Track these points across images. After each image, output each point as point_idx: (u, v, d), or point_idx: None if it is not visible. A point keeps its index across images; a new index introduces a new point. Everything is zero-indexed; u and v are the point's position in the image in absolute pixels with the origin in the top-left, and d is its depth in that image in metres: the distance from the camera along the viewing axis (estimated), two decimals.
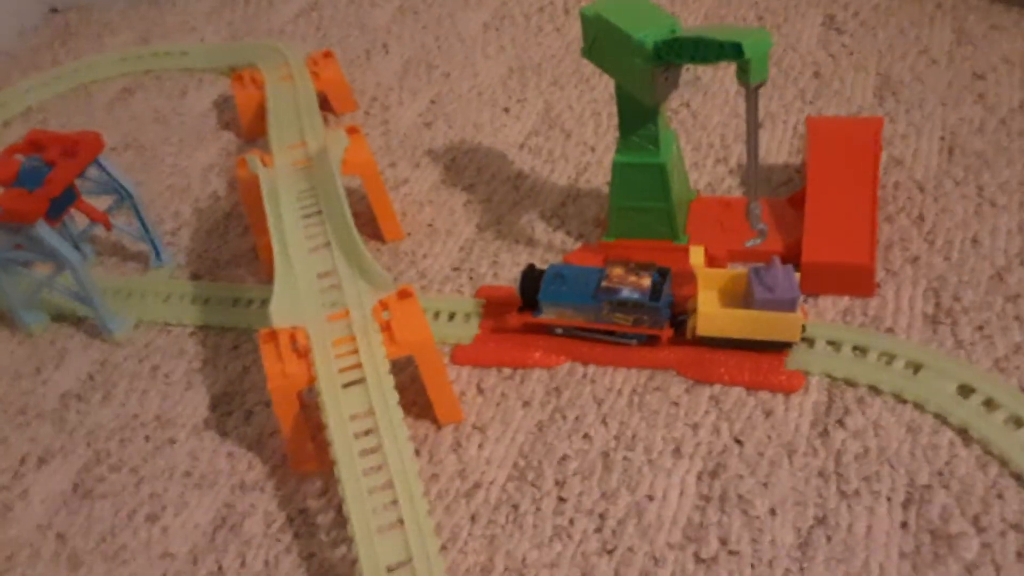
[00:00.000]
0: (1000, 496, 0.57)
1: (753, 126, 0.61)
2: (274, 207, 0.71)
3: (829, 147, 0.76)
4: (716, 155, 0.86)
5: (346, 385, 0.60)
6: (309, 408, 0.64)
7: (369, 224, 0.82)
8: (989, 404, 0.61)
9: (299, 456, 0.63)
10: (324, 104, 0.98)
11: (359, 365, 0.61)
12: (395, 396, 0.59)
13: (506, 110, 0.97)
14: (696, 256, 0.66)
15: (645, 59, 0.64)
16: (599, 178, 0.86)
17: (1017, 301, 0.68)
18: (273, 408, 0.62)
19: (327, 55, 0.99)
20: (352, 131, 0.80)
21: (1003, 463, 0.59)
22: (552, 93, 0.98)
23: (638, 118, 0.71)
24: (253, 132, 0.96)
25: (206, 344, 0.76)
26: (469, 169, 0.90)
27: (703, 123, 0.90)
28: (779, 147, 0.86)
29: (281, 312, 0.64)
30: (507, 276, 0.78)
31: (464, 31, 1.10)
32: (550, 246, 0.80)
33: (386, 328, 0.63)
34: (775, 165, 0.84)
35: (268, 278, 0.79)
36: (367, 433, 0.58)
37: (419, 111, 0.99)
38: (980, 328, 0.66)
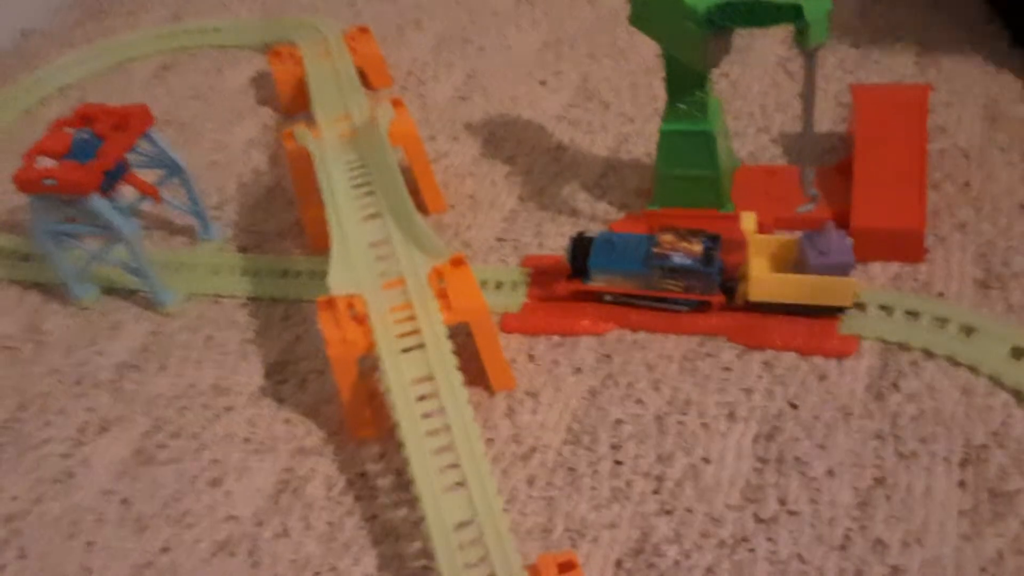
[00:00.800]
0: None
1: (811, 89, 0.61)
2: (326, 178, 0.72)
3: (875, 114, 0.76)
4: (757, 124, 0.86)
5: (405, 350, 0.61)
6: (365, 375, 0.65)
7: (412, 196, 0.83)
8: None
9: (357, 422, 0.64)
10: (361, 79, 0.98)
11: (417, 331, 0.61)
12: (454, 360, 0.60)
13: (542, 83, 0.97)
14: (748, 221, 0.66)
15: (697, 24, 0.64)
16: (639, 148, 0.86)
17: None
18: (333, 374, 0.63)
19: (363, 30, 0.99)
20: (396, 103, 0.81)
21: None
22: (588, 65, 0.98)
23: (686, 85, 0.71)
24: (292, 107, 0.96)
25: (257, 315, 0.77)
26: (508, 141, 0.91)
27: (743, 93, 0.90)
28: (821, 116, 0.85)
29: (338, 280, 0.65)
30: (552, 246, 0.78)
31: (497, 5, 1.10)
32: (594, 216, 0.80)
33: (441, 295, 0.63)
34: (819, 133, 0.84)
35: (315, 251, 0.80)
36: (427, 397, 0.58)
37: (455, 85, 0.99)
38: None
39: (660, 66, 0.71)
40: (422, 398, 0.58)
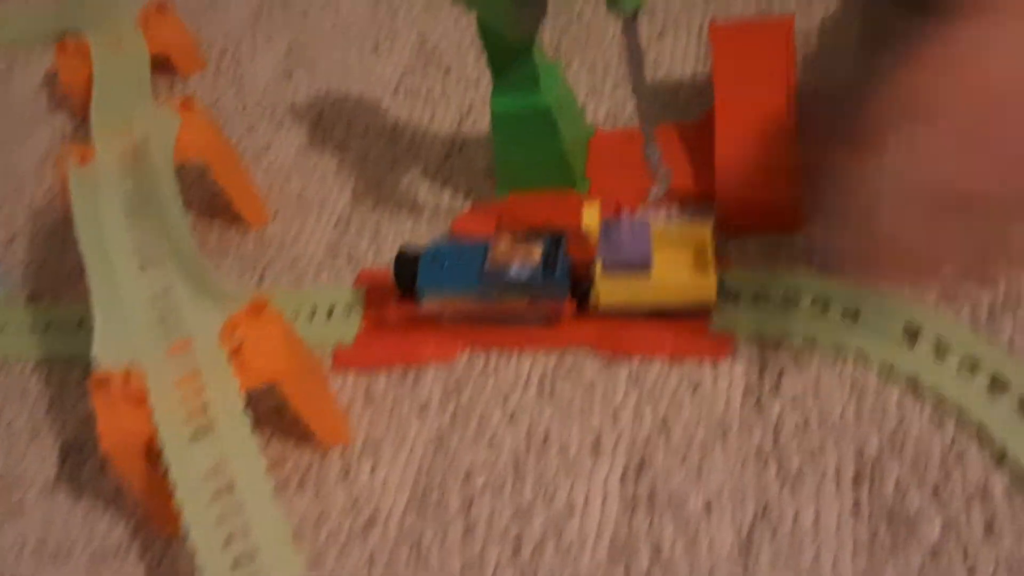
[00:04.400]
0: (960, 458, 0.50)
1: (637, 61, 0.51)
2: (90, 216, 0.60)
3: (736, 59, 0.66)
4: (615, 77, 0.75)
5: (193, 436, 0.50)
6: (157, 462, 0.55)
7: (227, 210, 0.71)
8: (939, 348, 0.53)
9: (160, 518, 0.54)
10: (167, 66, 0.85)
11: (207, 409, 0.51)
12: (253, 444, 0.50)
13: (375, 48, 0.85)
14: (590, 216, 0.56)
15: None
16: (486, 119, 0.74)
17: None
18: (116, 469, 0.53)
19: (160, 9, 0.85)
20: (185, 106, 0.68)
21: (960, 417, 0.51)
22: (425, 22, 0.86)
23: (509, 55, 0.60)
24: (85, 111, 0.83)
25: (51, 380, 0.66)
26: (339, 124, 0.79)
27: (598, 39, 0.79)
28: (684, 56, 0.75)
29: (109, 349, 0.54)
30: (391, 252, 0.67)
31: None
32: (437, 209, 0.70)
33: (236, 355, 0.53)
34: (682, 79, 0.73)
35: None
36: (222, 493, 0.49)
37: (276, 60, 0.86)
38: None
39: None
40: (216, 495, 0.49)
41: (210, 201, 0.73)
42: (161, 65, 0.84)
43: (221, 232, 0.72)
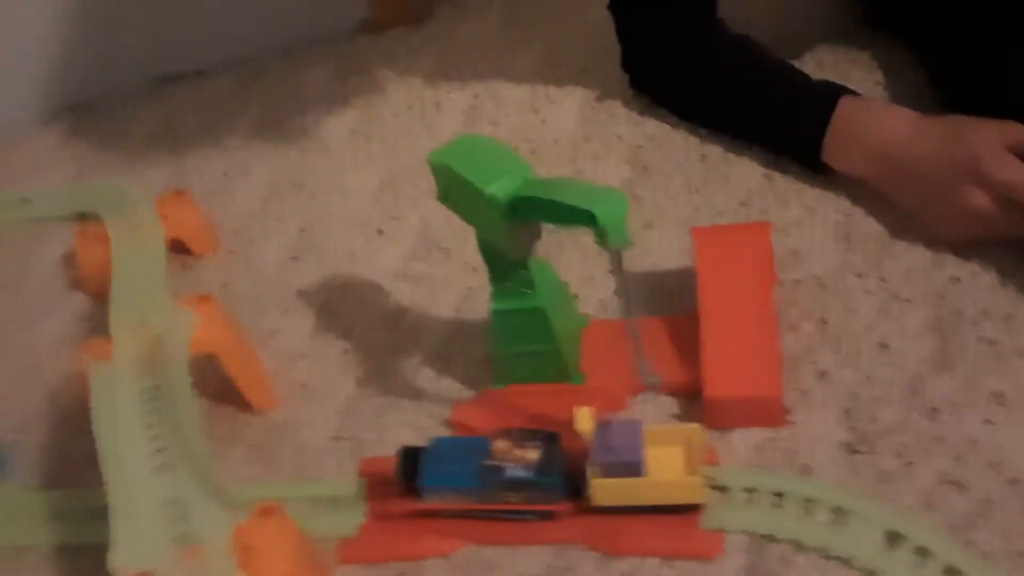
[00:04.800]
0: None
1: (624, 290, 0.55)
2: (107, 415, 0.63)
3: (718, 262, 0.70)
4: (606, 265, 0.79)
5: None
6: None
7: (234, 397, 0.74)
8: (921, 553, 0.56)
9: None
10: (181, 247, 0.90)
11: None
12: None
13: (380, 232, 0.89)
14: (583, 421, 0.59)
15: (500, 215, 0.58)
16: (484, 304, 0.79)
17: (935, 417, 0.63)
18: None
19: (178, 194, 0.91)
20: (203, 301, 0.72)
21: None
22: (428, 205, 0.90)
23: (506, 265, 0.64)
24: (102, 294, 0.87)
25: (64, 568, 0.68)
26: (344, 309, 0.83)
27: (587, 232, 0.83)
28: (669, 248, 0.80)
29: (125, 557, 0.56)
30: (394, 441, 0.70)
31: (330, 141, 1.02)
32: (436, 396, 0.73)
33: (245, 563, 0.55)
34: (669, 271, 0.78)
35: None
36: None
37: (286, 243, 0.91)
38: (900, 455, 0.61)
39: None
40: None
41: (219, 387, 0.75)
42: (176, 246, 0.89)
43: (230, 418, 0.74)
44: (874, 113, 0.75)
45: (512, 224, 0.58)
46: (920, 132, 0.72)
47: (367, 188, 0.95)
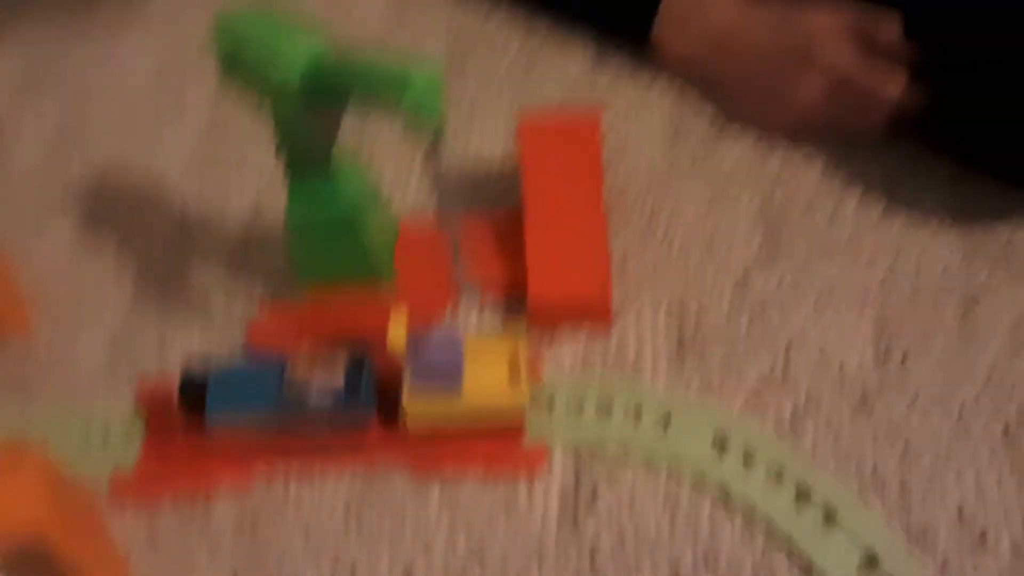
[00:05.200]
0: (771, 571, 0.50)
1: (438, 180, 0.48)
2: None
3: (543, 155, 0.64)
4: (420, 166, 0.72)
5: None
6: None
7: None
8: (747, 458, 0.53)
9: None
10: None
11: None
12: None
13: (160, 124, 0.78)
14: (396, 332, 0.53)
15: (295, 95, 0.49)
16: (283, 205, 0.70)
17: (762, 315, 0.60)
18: None
19: None
20: None
21: (769, 528, 0.51)
22: (218, 92, 0.79)
23: (305, 162, 0.56)
24: None
25: None
26: (119, 213, 0.72)
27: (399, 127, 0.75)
28: (493, 140, 0.73)
29: None
30: (178, 362, 0.61)
31: (99, 14, 0.87)
32: (231, 313, 0.64)
33: None
34: (492, 166, 0.71)
35: None
36: None
37: (45, 138, 0.78)
38: (727, 355, 0.58)
39: None
40: None
41: None
42: None
43: None
44: None
45: (309, 104, 0.49)
46: (752, 15, 0.68)
47: (145, 72, 0.82)
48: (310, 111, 0.51)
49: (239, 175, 0.73)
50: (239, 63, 0.51)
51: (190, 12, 0.85)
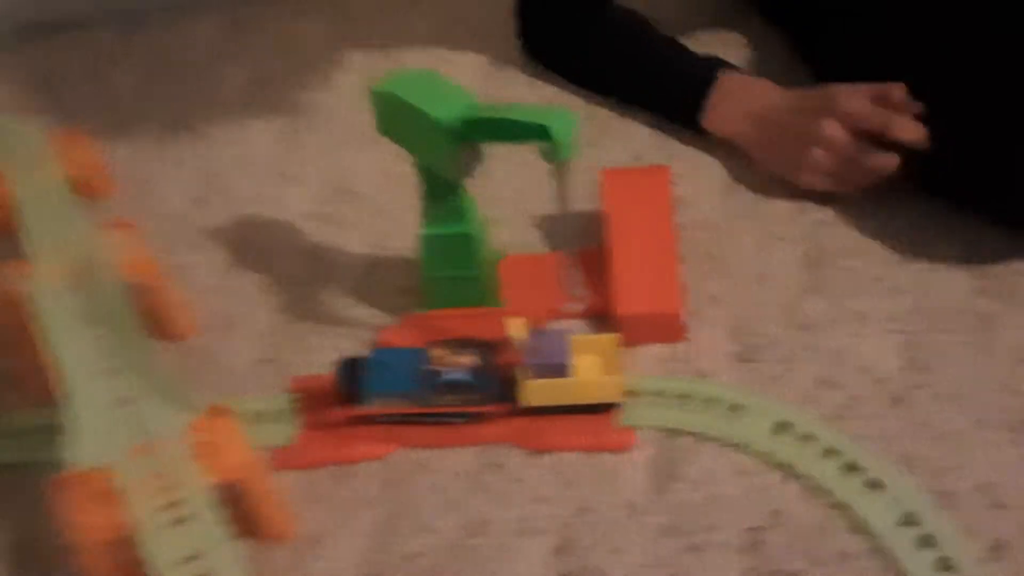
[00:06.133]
0: (827, 528, 0.61)
1: (564, 202, 0.61)
2: (51, 328, 0.63)
3: (624, 198, 0.78)
4: (515, 207, 0.85)
5: (166, 527, 0.54)
6: (122, 554, 0.57)
7: (153, 324, 0.75)
8: (804, 438, 0.65)
9: None
10: (75, 188, 0.88)
11: (179, 502, 0.55)
12: (225, 532, 0.54)
13: (283, 175, 0.91)
14: (516, 328, 0.65)
15: (446, 139, 0.63)
16: (399, 243, 0.83)
17: (810, 331, 0.72)
18: (84, 565, 0.55)
19: (74, 134, 0.89)
20: (123, 226, 0.73)
21: (825, 494, 0.62)
22: (331, 156, 0.94)
23: (441, 192, 0.69)
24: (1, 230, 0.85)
25: None
26: (257, 245, 0.85)
27: (496, 174, 0.89)
28: (572, 197, 0.86)
29: (79, 452, 0.56)
30: (320, 362, 0.73)
31: (227, 91, 1.03)
32: (361, 323, 0.77)
33: (202, 454, 0.57)
34: (573, 214, 0.84)
35: (36, 401, 0.70)
36: None
37: (188, 186, 0.91)
38: (782, 362, 0.70)
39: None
40: None
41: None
42: (70, 186, 0.87)
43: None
44: (748, 84, 0.86)
45: (458, 148, 0.63)
46: (785, 96, 0.83)
47: (267, 137, 0.97)
48: (457, 152, 0.64)
49: (357, 219, 0.86)
50: (399, 110, 0.65)
51: (304, 95, 1.00)
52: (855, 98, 0.76)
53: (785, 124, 0.81)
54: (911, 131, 0.74)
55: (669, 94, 0.89)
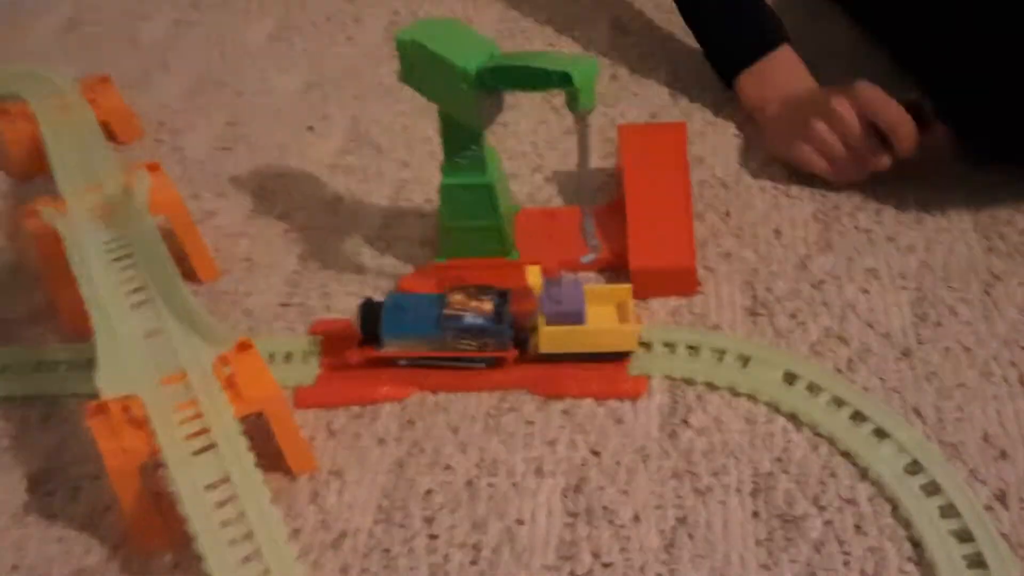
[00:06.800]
0: (833, 474, 0.62)
1: (584, 150, 0.62)
2: (81, 262, 0.65)
3: (640, 153, 0.79)
4: (531, 164, 0.87)
5: (195, 453, 0.56)
6: (149, 480, 0.59)
7: (180, 264, 0.77)
8: (812, 388, 0.66)
9: (145, 534, 0.59)
10: (107, 134, 0.90)
11: (206, 430, 0.57)
12: (251, 459, 0.56)
13: (310, 128, 0.93)
14: (533, 275, 0.67)
15: (469, 86, 0.64)
16: (418, 195, 0.85)
17: (821, 287, 0.74)
18: (114, 488, 0.57)
19: (103, 80, 0.91)
20: (153, 168, 0.74)
21: (831, 442, 0.64)
22: (356, 107, 0.95)
23: (462, 141, 0.70)
24: (27, 171, 0.87)
25: (11, 418, 0.69)
26: (280, 194, 0.86)
27: (513, 131, 0.91)
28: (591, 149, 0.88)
29: (109, 381, 0.59)
30: (341, 307, 0.75)
31: (251, 45, 1.04)
32: (380, 271, 0.78)
33: (229, 385, 0.59)
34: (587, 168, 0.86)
35: (74, 336, 0.72)
36: (225, 503, 0.54)
37: (214, 135, 0.93)
38: (793, 316, 0.72)
39: (430, 106, 0.70)
40: (220, 504, 0.54)
41: None
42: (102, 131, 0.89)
43: None
44: (795, 68, 0.85)
45: (480, 95, 0.64)
46: (813, 88, 0.83)
47: (293, 89, 0.98)
48: (479, 100, 0.66)
49: (379, 171, 0.88)
50: (423, 59, 0.66)
51: (329, 49, 1.02)
52: (877, 91, 0.76)
53: (803, 102, 0.81)
54: (910, 141, 0.75)
55: (727, 35, 0.88)
